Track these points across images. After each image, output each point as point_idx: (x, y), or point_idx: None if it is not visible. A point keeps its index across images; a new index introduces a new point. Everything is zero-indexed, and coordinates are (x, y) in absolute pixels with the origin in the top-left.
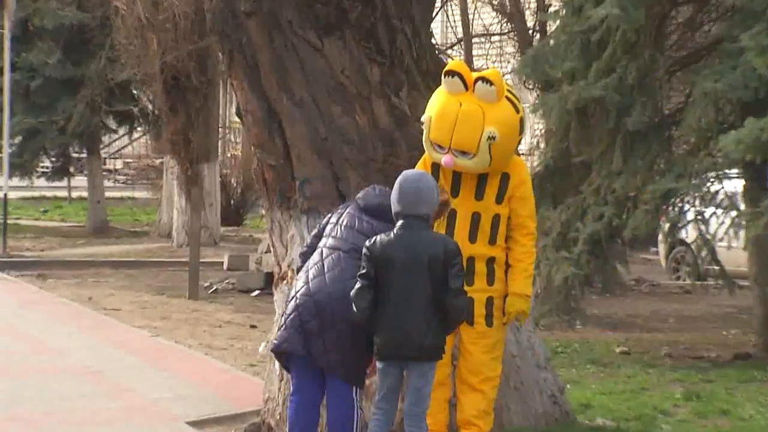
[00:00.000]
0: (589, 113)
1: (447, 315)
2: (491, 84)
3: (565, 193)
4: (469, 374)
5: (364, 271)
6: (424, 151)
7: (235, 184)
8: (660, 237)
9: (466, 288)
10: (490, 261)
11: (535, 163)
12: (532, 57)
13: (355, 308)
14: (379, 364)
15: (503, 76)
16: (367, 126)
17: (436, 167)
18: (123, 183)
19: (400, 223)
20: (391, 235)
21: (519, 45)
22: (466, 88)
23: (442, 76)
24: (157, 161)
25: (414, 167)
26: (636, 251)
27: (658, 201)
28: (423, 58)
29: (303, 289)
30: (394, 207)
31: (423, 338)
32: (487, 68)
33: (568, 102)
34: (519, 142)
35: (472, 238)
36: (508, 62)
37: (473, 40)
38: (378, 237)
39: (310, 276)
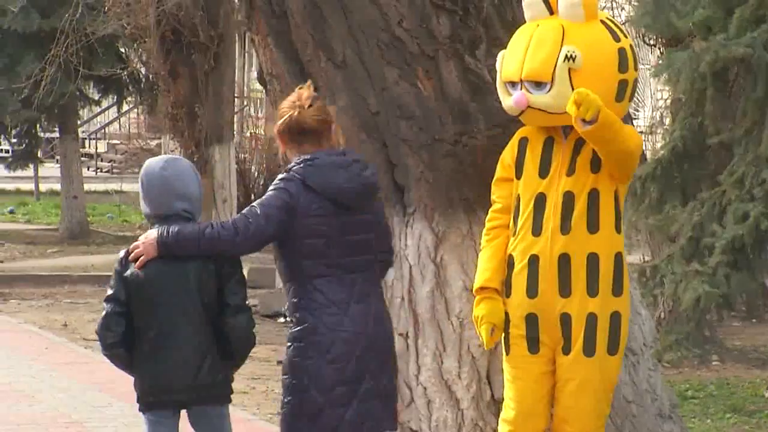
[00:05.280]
0: (731, 78)
1: (229, 340)
2: None
3: (699, 185)
4: (562, 423)
5: (111, 292)
6: (507, 129)
7: (256, 173)
8: None
9: (559, 299)
10: (593, 259)
11: (659, 145)
12: (654, 3)
13: (101, 343)
14: (150, 416)
15: None
16: (432, 95)
17: (523, 144)
18: (107, 172)
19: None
20: None
21: None
22: (551, 12)
23: None
24: (153, 143)
25: (494, 148)
26: None
27: None
28: (508, 5)
29: None
30: (143, 208)
31: (196, 375)
32: None
33: (701, 63)
34: (627, 96)
35: (565, 227)
36: (622, 9)
37: None
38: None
39: None
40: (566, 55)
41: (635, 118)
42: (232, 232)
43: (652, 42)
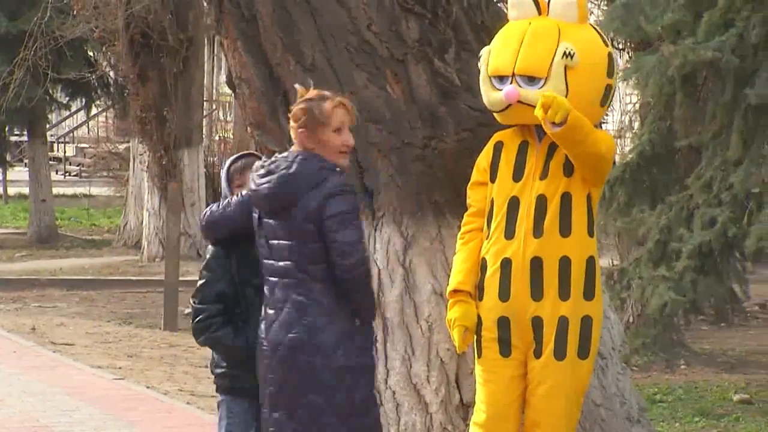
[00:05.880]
0: (699, 81)
1: None
2: None
3: (667, 189)
4: (533, 426)
5: None
6: (477, 133)
7: None
8: None
9: (531, 303)
10: (565, 262)
11: (627, 149)
12: (623, 6)
13: None
14: None
15: None
16: (401, 99)
17: (498, 148)
18: (76, 176)
19: None
20: None
21: None
22: (539, 12)
23: None
24: (122, 147)
25: (464, 152)
26: (762, 267)
27: None
28: (476, 8)
29: None
30: None
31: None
32: None
33: (670, 67)
34: (608, 102)
35: (538, 230)
36: (591, 13)
37: None
38: None
39: None
40: (565, 52)
41: (604, 122)
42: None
43: (620, 46)
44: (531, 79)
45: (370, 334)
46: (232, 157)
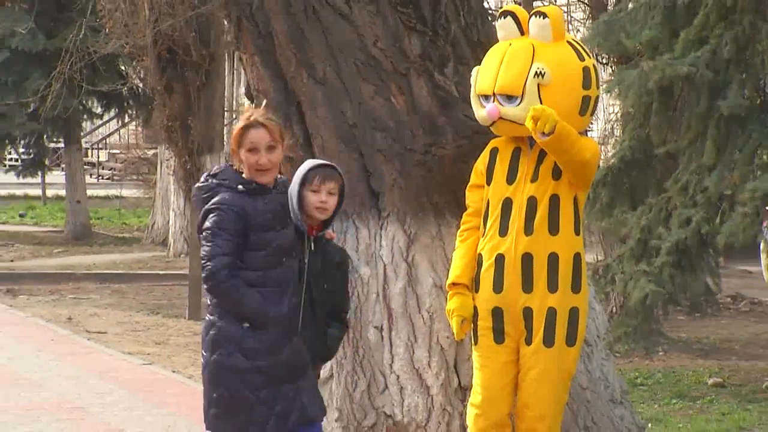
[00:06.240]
0: (675, 93)
1: None
2: (545, 17)
3: (646, 192)
4: (524, 408)
5: None
6: (473, 140)
7: None
8: (762, 246)
9: (522, 295)
10: (553, 258)
11: (609, 154)
12: (605, 24)
13: None
14: None
15: None
16: (404, 109)
17: (494, 153)
18: (108, 179)
19: None
20: None
21: (590, 9)
22: (522, 33)
23: (497, 18)
24: (150, 152)
25: (461, 158)
26: (733, 262)
27: (758, 202)
28: (473, 26)
29: None
30: None
31: None
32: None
33: (648, 80)
34: (589, 111)
35: (528, 229)
36: (577, 30)
37: (534, 3)
38: None
39: None
40: (536, 72)
41: (589, 130)
42: None
43: (604, 60)
44: (509, 98)
45: (268, 340)
46: (312, 163)
